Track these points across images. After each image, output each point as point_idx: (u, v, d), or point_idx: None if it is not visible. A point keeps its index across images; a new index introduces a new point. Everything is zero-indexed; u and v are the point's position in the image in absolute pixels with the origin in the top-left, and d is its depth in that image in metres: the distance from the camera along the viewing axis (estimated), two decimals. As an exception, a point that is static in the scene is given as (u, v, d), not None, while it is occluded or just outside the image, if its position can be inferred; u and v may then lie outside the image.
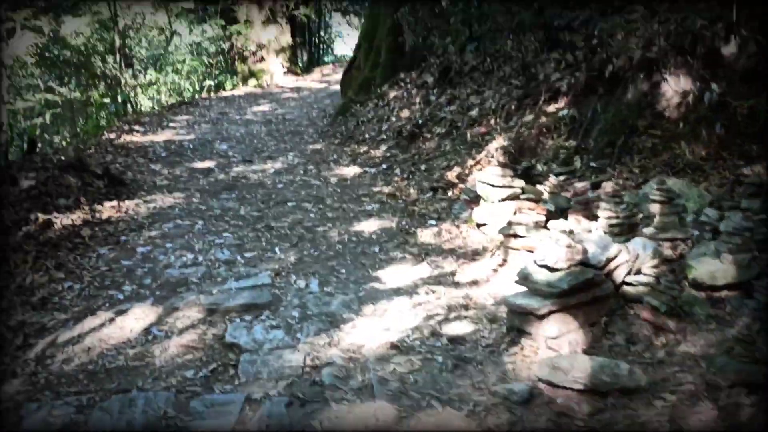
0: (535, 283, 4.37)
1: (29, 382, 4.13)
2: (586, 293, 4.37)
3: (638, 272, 4.67)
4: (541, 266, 4.41)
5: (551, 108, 8.22)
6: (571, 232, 4.52)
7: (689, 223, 5.37)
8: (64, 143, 15.55)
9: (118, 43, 17.16)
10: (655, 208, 5.28)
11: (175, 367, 4.24)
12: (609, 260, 4.57)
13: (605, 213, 5.35)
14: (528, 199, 6.00)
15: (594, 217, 5.62)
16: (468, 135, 8.93)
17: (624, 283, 4.62)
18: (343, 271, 5.80)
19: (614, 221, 5.27)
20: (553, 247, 4.39)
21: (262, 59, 19.51)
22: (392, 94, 12.07)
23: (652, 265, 4.69)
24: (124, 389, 3.98)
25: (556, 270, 4.33)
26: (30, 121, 17.38)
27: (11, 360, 4.43)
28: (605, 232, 5.25)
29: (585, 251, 4.43)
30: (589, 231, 5.25)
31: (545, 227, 5.73)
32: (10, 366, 4.33)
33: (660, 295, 4.36)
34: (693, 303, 4.40)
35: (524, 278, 4.48)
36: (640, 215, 5.42)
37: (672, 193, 5.32)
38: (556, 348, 4.23)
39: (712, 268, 4.47)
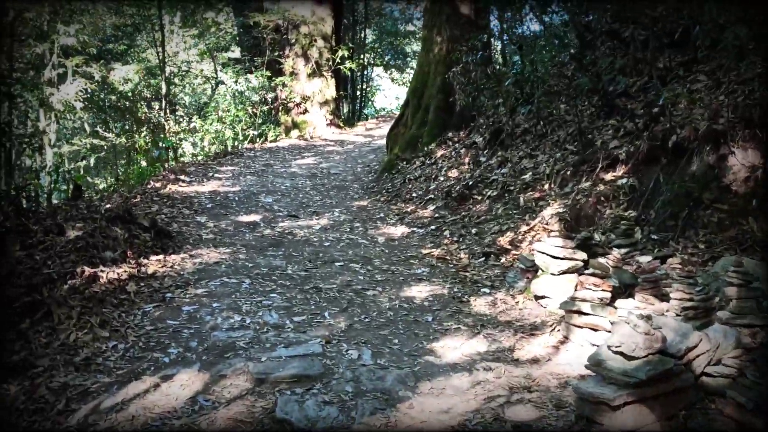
0: (609, 371, 4.08)
1: (71, 453, 3.92)
2: (665, 384, 4.08)
3: (718, 362, 4.37)
4: (616, 353, 4.12)
5: (609, 176, 7.96)
6: (648, 318, 4.22)
7: (767, 308, 5.05)
8: (104, 186, 15.59)
9: (164, 89, 17.30)
10: (731, 290, 4.96)
11: (224, 443, 4.00)
12: (689, 349, 4.27)
13: (678, 294, 5.05)
14: (592, 274, 5.71)
15: (664, 297, 5.32)
16: (521, 199, 8.69)
17: (704, 373, 4.32)
18: (396, 341, 5.54)
19: (688, 304, 4.97)
20: (630, 334, 4.11)
21: (305, 111, 19.51)
22: (440, 152, 11.92)
23: (734, 355, 4.38)
24: (170, 468, 3.75)
25: (633, 358, 4.04)
26: (74, 164, 17.54)
27: (52, 425, 4.22)
28: (678, 315, 4.96)
29: (664, 339, 4.14)
30: (662, 314, 4.95)
31: (611, 305, 5.45)
32: (51, 433, 4.13)
33: (746, 390, 4.04)
34: (780, 400, 4.08)
35: (596, 364, 4.19)
36: (717, 298, 5.11)
37: (749, 276, 5.01)
38: (631, 442, 3.93)
39: (802, 362, 4.16)
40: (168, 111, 17.19)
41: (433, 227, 9.17)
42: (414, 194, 10.81)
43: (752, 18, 7.09)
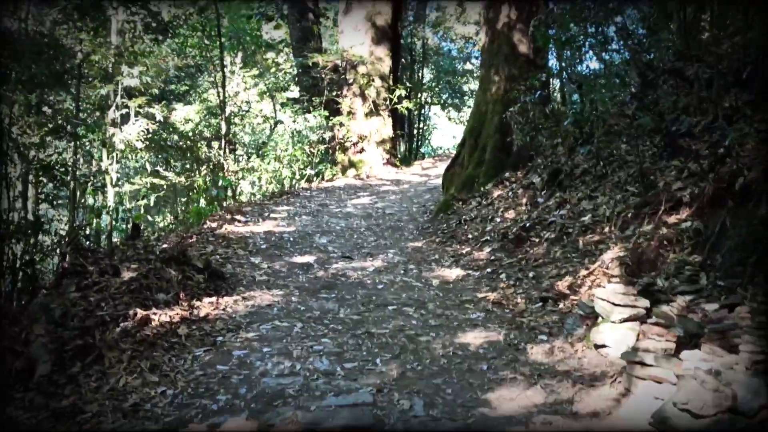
0: (676, 430, 3.86)
1: (113, 506, 3.83)
2: (736, 446, 3.83)
3: (793, 422, 4.09)
4: (683, 410, 3.90)
5: (672, 219, 7.68)
6: (717, 373, 3.99)
7: None
8: (163, 224, 15.75)
9: (224, 129, 17.50)
10: (805, 344, 4.69)
11: (270, 499, 3.87)
12: (761, 407, 4.00)
13: (748, 346, 4.77)
14: (656, 323, 5.46)
15: (732, 349, 5.04)
16: (580, 242, 8.45)
17: (778, 434, 4.05)
18: (450, 391, 5.34)
19: (759, 357, 4.69)
20: (697, 390, 3.89)
21: (362, 150, 19.57)
22: (496, 193, 11.75)
23: (810, 415, 4.10)
24: None
25: (702, 417, 3.81)
26: (134, 203, 17.81)
27: (97, 476, 4.15)
28: (747, 368, 4.69)
29: (735, 397, 3.90)
30: (731, 367, 4.68)
31: (676, 356, 5.19)
32: (95, 485, 4.05)
33: (824, 454, 3.77)
34: None
35: (661, 422, 3.98)
36: (790, 352, 4.81)
37: (827, 329, 4.73)
38: (700, 508, 3.68)
39: None
40: (227, 150, 17.36)
41: (488, 270, 8.96)
42: (470, 235, 10.62)
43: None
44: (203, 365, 5.71)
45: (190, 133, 18.68)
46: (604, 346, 6.01)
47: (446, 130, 33.65)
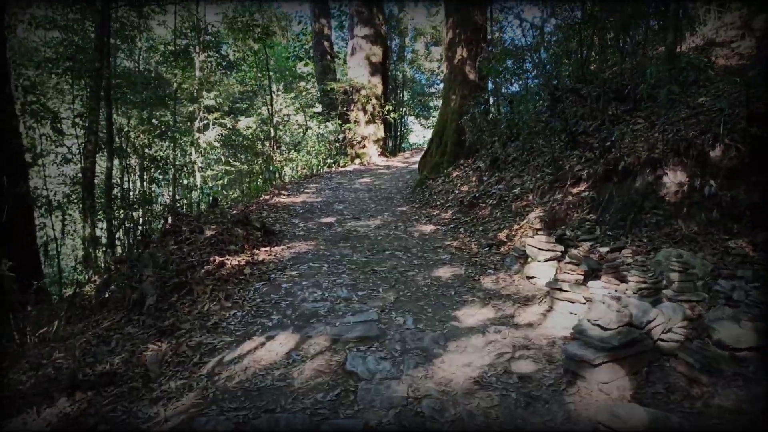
0: (590, 338, 3.60)
1: (201, 396, 3.55)
2: (632, 349, 3.58)
3: (669, 331, 3.84)
4: (595, 324, 3.63)
5: (575, 190, 7.38)
6: (618, 299, 3.72)
7: (700, 288, 4.49)
8: (233, 197, 15.37)
9: (272, 133, 17.00)
10: (674, 275, 4.43)
11: (309, 389, 3.60)
12: (648, 322, 3.75)
13: (635, 278, 4.51)
14: (569, 262, 5.18)
15: (622, 279, 4.78)
16: (513, 206, 8.13)
17: (659, 339, 3.79)
18: (430, 310, 5.08)
19: (643, 285, 4.43)
20: (605, 311, 3.62)
21: (364, 146, 19.07)
22: (455, 174, 11.36)
23: (681, 325, 3.85)
24: (270, 409, 3.35)
25: (608, 329, 3.55)
26: (213, 183, 17.38)
27: (189, 375, 3.87)
28: (634, 293, 4.43)
29: (631, 315, 3.64)
30: (623, 293, 4.42)
31: (584, 284, 4.93)
32: (188, 381, 3.77)
33: (692, 353, 3.52)
34: (720, 361, 3.54)
35: (580, 332, 3.71)
36: (664, 281, 4.55)
37: (688, 265, 4.47)
38: (607, 392, 3.44)
39: (735, 332, 3.60)
40: (275, 147, 16.88)
41: (452, 226, 8.64)
42: (438, 202, 10.27)
43: (682, 80, 6.53)
44: (261, 294, 5.43)
45: (250, 136, 18.15)
46: (534, 277, 5.76)
47: (419, 132, 33.01)
